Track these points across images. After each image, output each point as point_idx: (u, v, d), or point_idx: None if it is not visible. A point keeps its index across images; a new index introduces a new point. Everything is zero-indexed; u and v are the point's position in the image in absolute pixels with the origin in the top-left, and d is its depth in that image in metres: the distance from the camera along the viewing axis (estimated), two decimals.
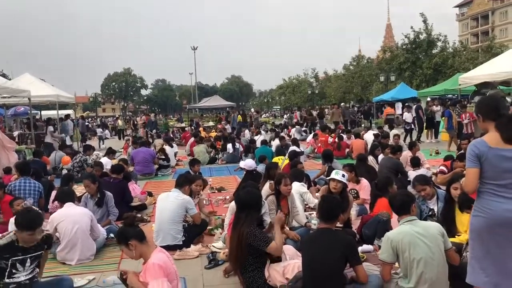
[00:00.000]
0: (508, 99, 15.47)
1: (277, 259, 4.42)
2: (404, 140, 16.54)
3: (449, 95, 24.72)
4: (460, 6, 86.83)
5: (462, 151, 8.73)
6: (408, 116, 18.79)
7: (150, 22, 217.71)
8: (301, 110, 34.66)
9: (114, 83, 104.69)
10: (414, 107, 19.19)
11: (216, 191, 9.48)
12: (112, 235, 6.02)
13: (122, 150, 16.53)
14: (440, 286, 3.78)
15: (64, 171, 11.08)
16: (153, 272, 3.44)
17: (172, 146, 14.57)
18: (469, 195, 3.48)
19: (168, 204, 5.77)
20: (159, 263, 3.47)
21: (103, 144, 24.16)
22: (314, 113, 29.33)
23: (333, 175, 5.72)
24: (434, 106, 18.68)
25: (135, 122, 31.38)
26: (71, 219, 5.44)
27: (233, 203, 5.39)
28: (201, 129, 24.38)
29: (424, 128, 18.90)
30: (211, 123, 30.40)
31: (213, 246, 5.67)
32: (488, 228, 3.08)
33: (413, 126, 18.87)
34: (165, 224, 5.67)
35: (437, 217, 5.25)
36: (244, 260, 4.35)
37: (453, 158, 8.62)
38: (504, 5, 74.39)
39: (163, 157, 13.05)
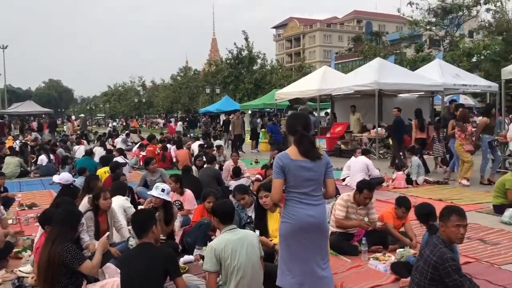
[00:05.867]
0: (315, 113, 17.55)
1: (93, 279, 4.14)
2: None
3: (267, 109, 26.97)
4: (276, 27, 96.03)
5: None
6: None
7: None
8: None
9: None
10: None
11: (27, 208, 8.49)
12: None
13: None
14: None
15: None
16: None
17: None
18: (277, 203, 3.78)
19: None
20: None
21: None
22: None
23: (153, 190, 5.59)
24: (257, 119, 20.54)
25: None
26: None
27: None
28: (10, 138, 21.63)
29: (250, 138, 20.25)
30: None
31: (19, 270, 5.02)
32: (294, 233, 3.39)
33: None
34: None
35: (255, 224, 5.58)
36: (55, 282, 3.96)
37: (267, 166, 9.33)
38: (312, 30, 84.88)
39: None
